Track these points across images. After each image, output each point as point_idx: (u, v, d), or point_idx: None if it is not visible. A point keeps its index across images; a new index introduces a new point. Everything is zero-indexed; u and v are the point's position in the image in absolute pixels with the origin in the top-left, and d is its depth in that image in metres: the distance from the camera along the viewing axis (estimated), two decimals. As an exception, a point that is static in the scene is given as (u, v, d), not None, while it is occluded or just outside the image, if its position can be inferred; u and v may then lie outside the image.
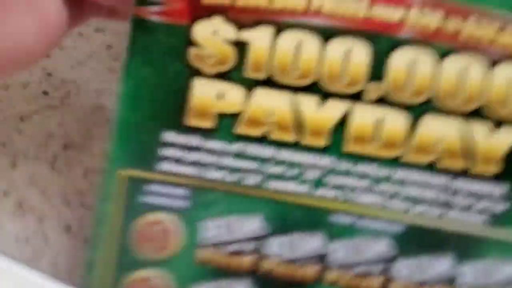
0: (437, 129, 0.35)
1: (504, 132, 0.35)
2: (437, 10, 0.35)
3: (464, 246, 0.36)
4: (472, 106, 0.35)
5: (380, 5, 0.35)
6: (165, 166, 0.36)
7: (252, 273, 0.36)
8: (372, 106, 0.35)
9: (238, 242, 0.36)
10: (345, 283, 0.36)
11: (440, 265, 0.36)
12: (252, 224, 0.36)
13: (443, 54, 0.35)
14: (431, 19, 0.35)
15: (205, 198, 0.36)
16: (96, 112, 0.46)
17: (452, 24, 0.35)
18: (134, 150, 0.36)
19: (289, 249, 0.36)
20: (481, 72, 0.35)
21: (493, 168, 0.35)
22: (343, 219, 0.36)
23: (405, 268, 0.36)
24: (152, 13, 0.35)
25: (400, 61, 0.35)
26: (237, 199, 0.36)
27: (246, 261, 0.36)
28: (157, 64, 0.36)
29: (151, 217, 0.37)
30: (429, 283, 0.36)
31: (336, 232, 0.36)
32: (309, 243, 0.36)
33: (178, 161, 0.36)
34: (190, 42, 0.36)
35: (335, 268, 0.36)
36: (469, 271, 0.36)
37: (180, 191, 0.36)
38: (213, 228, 0.36)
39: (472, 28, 0.35)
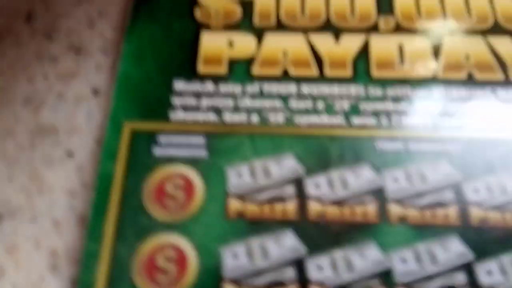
0: (464, 46, 0.33)
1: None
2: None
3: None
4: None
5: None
6: (178, 114, 0.31)
7: (298, 221, 0.29)
8: (389, 35, 0.34)
9: (272, 186, 0.30)
10: (415, 218, 0.29)
11: (517, 181, 0.30)
12: (283, 165, 0.30)
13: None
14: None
15: (225, 143, 0.31)
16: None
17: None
18: (142, 103, 0.32)
19: (335, 187, 0.30)
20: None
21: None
22: (390, 145, 0.31)
23: (477, 189, 0.30)
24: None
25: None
26: (262, 139, 0.31)
27: (287, 208, 0.29)
28: (163, 21, 0.34)
29: (168, 169, 0.30)
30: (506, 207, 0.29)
31: (387, 160, 0.30)
32: (358, 176, 0.30)
33: (191, 108, 0.32)
34: (195, 2, 0.35)
35: (396, 202, 0.29)
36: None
37: (196, 139, 0.31)
38: (240, 175, 0.30)
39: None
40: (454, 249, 0.28)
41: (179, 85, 0.32)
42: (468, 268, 0.27)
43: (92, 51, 0.35)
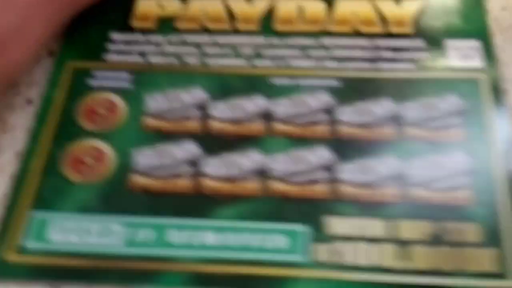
0: (351, 7, 0.41)
1: (406, 4, 0.41)
2: None
3: (400, 89, 0.37)
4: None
5: None
6: (112, 57, 0.39)
7: (199, 135, 0.36)
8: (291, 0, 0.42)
9: (181, 109, 0.37)
10: (293, 133, 0.36)
11: (382, 107, 0.36)
12: (193, 94, 0.37)
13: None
14: None
15: (147, 78, 0.38)
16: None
17: None
18: (82, 46, 0.40)
19: (232, 110, 0.37)
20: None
21: (407, 29, 0.40)
22: (282, 81, 0.38)
23: (348, 113, 0.36)
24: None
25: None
26: (178, 76, 0.38)
27: (191, 124, 0.36)
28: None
29: (98, 95, 0.37)
30: (374, 124, 0.36)
31: (277, 91, 0.37)
32: (252, 103, 0.37)
33: (123, 52, 0.39)
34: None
35: (280, 121, 0.36)
36: (409, 109, 0.36)
37: (124, 75, 0.38)
38: (156, 100, 0.37)
39: None
40: (322, 155, 0.35)
41: (115, 35, 0.40)
42: (330, 168, 0.34)
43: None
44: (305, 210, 0.33)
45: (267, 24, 0.40)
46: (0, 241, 0.32)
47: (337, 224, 0.32)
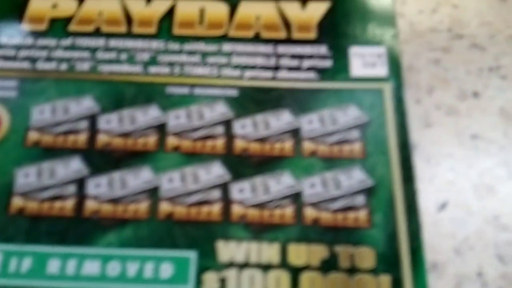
0: (254, 10, 0.39)
1: (312, 8, 0.39)
2: None
3: (300, 100, 0.36)
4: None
5: None
6: (-4, 63, 0.36)
7: (86, 149, 0.34)
8: (193, 1, 0.39)
9: (69, 121, 0.34)
10: (187, 148, 0.34)
11: (281, 119, 0.35)
12: (82, 104, 0.35)
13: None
14: None
15: (34, 86, 0.36)
16: None
17: None
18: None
19: (124, 123, 0.35)
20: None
21: (311, 35, 0.38)
22: (178, 90, 0.36)
23: (243, 126, 0.35)
24: None
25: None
26: (67, 84, 0.36)
27: (78, 139, 0.34)
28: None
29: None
30: (271, 138, 0.34)
31: (173, 102, 0.35)
32: (145, 114, 0.35)
33: (8, 58, 0.37)
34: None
35: (174, 135, 0.34)
36: (308, 122, 0.35)
37: (9, 83, 0.36)
38: (42, 112, 0.35)
39: None
40: (216, 172, 0.33)
41: (2, 39, 0.37)
42: (224, 187, 0.33)
43: None
44: (194, 234, 0.31)
45: (165, 27, 0.38)
46: None
47: (228, 250, 0.31)
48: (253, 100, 0.36)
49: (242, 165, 0.33)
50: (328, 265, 0.31)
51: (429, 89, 0.40)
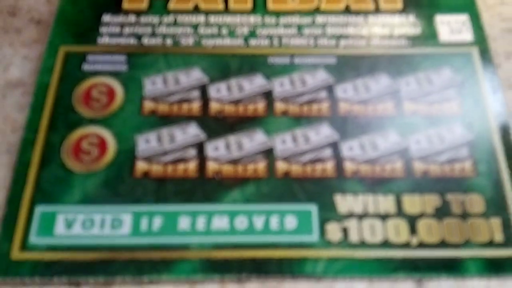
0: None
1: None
2: None
3: (395, 65, 0.38)
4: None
5: None
6: (104, 40, 0.38)
7: (200, 116, 0.36)
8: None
9: (181, 91, 0.36)
10: (294, 112, 0.36)
11: (379, 82, 0.37)
12: (191, 75, 0.37)
13: None
14: None
15: (142, 60, 0.38)
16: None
17: None
18: (74, 30, 0.38)
19: (233, 91, 0.37)
20: None
21: (398, 5, 0.40)
22: (279, 60, 0.38)
23: (345, 90, 0.37)
24: None
25: None
26: (174, 57, 0.38)
27: (192, 107, 0.36)
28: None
29: (94, 80, 0.37)
30: (372, 100, 0.36)
31: (276, 71, 0.37)
32: (251, 83, 0.37)
33: (116, 34, 0.39)
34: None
35: (281, 100, 0.36)
36: (406, 84, 0.37)
37: (119, 58, 0.38)
38: (154, 83, 0.37)
39: None
40: (325, 133, 0.35)
41: (106, 17, 0.39)
42: (334, 146, 0.34)
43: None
44: (312, 189, 0.33)
45: (260, 3, 0.40)
46: (5, 239, 0.31)
47: (346, 202, 0.33)
48: (350, 66, 0.37)
49: (348, 125, 0.35)
50: (442, 212, 0.32)
51: (506, 55, 0.42)
